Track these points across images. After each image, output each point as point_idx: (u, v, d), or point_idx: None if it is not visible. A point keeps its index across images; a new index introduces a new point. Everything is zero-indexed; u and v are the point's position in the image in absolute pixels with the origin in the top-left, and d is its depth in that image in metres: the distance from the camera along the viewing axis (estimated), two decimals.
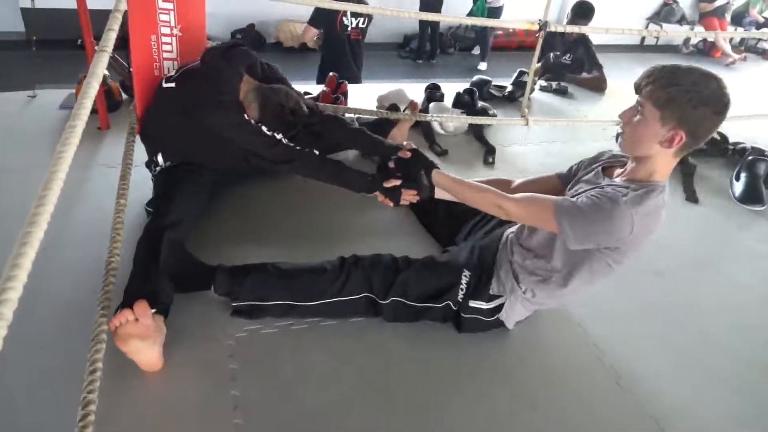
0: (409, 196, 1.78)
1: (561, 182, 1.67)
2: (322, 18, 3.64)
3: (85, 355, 1.23)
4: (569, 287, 1.54)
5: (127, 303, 1.36)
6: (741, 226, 2.53)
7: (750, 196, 2.67)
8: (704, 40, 9.15)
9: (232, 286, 1.58)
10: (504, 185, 1.72)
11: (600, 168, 1.56)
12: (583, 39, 3.98)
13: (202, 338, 1.54)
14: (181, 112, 1.82)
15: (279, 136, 1.87)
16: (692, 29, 8.83)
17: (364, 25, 3.72)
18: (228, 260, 1.66)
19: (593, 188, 1.45)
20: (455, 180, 1.67)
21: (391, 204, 1.82)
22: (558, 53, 4.02)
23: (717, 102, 1.29)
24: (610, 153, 1.61)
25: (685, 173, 2.79)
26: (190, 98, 1.81)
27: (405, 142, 1.95)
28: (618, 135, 3.05)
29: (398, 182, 1.78)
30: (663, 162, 1.39)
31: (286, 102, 1.85)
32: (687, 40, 9.18)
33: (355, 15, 3.59)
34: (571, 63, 4.04)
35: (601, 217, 1.33)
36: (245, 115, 1.83)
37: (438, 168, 1.74)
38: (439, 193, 1.75)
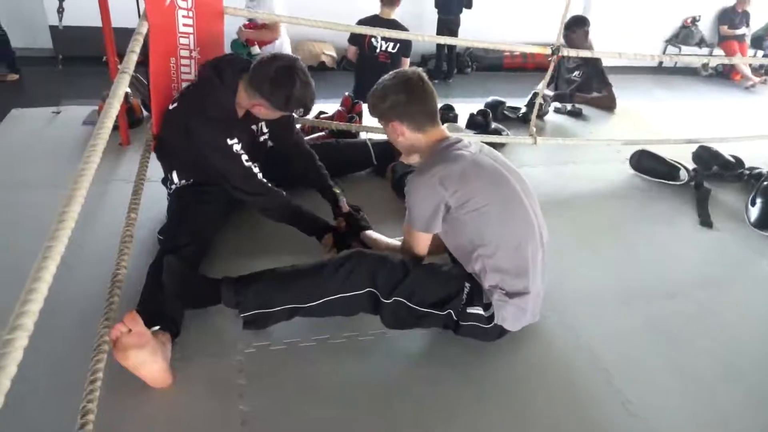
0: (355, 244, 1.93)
1: None
2: (355, 36, 3.81)
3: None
4: (492, 264, 1.58)
5: None
6: (757, 252, 2.49)
7: (766, 222, 2.64)
8: (724, 63, 9.10)
9: (236, 297, 1.59)
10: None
11: None
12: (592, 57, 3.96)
13: (211, 354, 1.57)
14: (182, 130, 1.86)
15: (255, 170, 1.89)
16: (711, 52, 8.80)
17: (393, 50, 3.80)
18: (238, 274, 1.66)
19: None
20: (377, 241, 1.93)
21: (335, 249, 1.95)
22: (562, 93, 4.03)
23: (391, 86, 1.62)
24: None
25: (699, 198, 2.77)
26: (185, 114, 1.86)
27: (344, 200, 2.11)
28: (631, 157, 3.07)
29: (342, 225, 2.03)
30: (417, 141, 1.66)
31: (271, 67, 1.75)
32: (706, 63, 9.14)
33: (385, 38, 3.71)
34: (580, 80, 4.04)
35: (410, 200, 1.60)
36: (228, 140, 1.82)
37: (367, 231, 2.00)
38: None
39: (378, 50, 3.80)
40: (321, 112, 2.95)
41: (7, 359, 0.71)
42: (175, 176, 1.99)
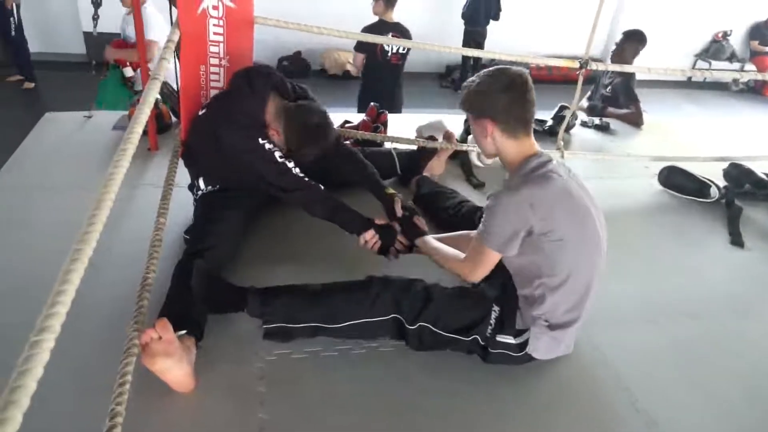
0: (400, 246, 1.89)
1: None
2: (365, 44, 3.86)
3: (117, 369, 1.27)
4: (558, 296, 1.53)
5: None
6: None
7: None
8: (755, 78, 8.92)
9: (262, 308, 1.61)
10: (466, 240, 1.76)
11: None
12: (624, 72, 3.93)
13: (233, 360, 1.57)
14: (210, 137, 1.89)
15: (291, 164, 1.87)
16: (742, 68, 8.63)
17: (404, 51, 3.94)
18: (262, 281, 1.69)
19: None
20: (433, 250, 1.79)
21: (376, 249, 1.88)
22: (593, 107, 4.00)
23: (493, 82, 1.52)
24: None
25: (730, 216, 2.70)
26: (213, 121, 1.88)
27: (399, 203, 2.00)
28: (660, 172, 3.00)
29: (397, 227, 1.91)
30: (507, 150, 1.57)
31: (309, 119, 1.84)
32: (737, 78, 8.97)
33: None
34: (610, 95, 4.00)
35: (492, 218, 1.51)
36: (260, 140, 1.84)
37: (424, 237, 1.87)
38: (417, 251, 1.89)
39: (390, 53, 3.93)
40: (346, 121, 2.96)
41: (34, 361, 0.72)
42: (201, 183, 2.02)
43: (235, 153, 1.86)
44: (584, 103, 4.05)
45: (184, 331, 1.46)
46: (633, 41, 3.77)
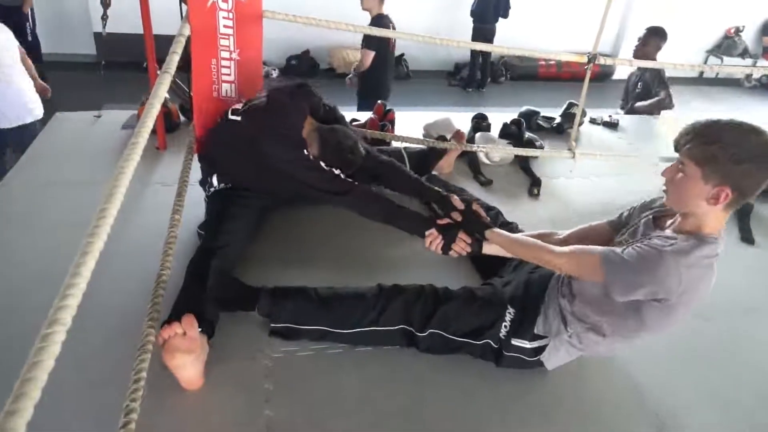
0: (462, 244, 1.75)
1: (612, 229, 1.64)
2: (376, 40, 3.92)
3: (130, 365, 1.28)
4: (617, 339, 1.49)
5: (174, 318, 1.42)
6: None
7: None
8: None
9: (272, 307, 1.63)
10: (548, 238, 1.69)
11: (651, 217, 1.52)
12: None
13: (240, 357, 1.58)
14: (244, 144, 1.90)
15: (337, 172, 1.92)
16: (755, 64, 8.54)
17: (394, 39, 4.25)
18: (272, 281, 1.70)
19: (641, 239, 1.42)
20: (508, 239, 1.67)
21: (440, 251, 1.77)
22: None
23: (761, 156, 1.26)
24: (662, 200, 1.52)
25: (741, 213, 2.67)
26: (254, 132, 1.89)
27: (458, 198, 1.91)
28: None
29: (458, 219, 1.79)
30: (712, 217, 1.34)
31: (344, 140, 1.91)
32: (749, 74, 8.87)
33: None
34: (640, 90, 4.01)
35: (645, 268, 1.30)
36: (305, 151, 1.88)
37: (493, 228, 1.75)
38: (486, 248, 1.76)
39: (391, 43, 4.23)
40: (353, 120, 2.96)
41: (46, 353, 0.72)
42: (215, 180, 2.04)
43: (278, 164, 1.88)
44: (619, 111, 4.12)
45: (199, 329, 1.47)
46: (656, 37, 3.81)
